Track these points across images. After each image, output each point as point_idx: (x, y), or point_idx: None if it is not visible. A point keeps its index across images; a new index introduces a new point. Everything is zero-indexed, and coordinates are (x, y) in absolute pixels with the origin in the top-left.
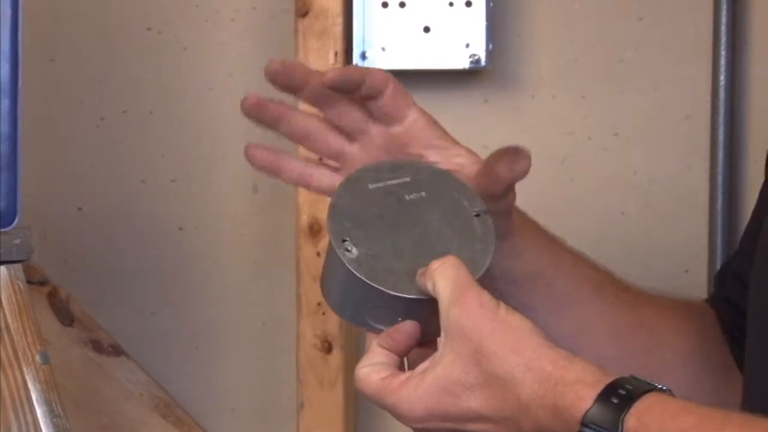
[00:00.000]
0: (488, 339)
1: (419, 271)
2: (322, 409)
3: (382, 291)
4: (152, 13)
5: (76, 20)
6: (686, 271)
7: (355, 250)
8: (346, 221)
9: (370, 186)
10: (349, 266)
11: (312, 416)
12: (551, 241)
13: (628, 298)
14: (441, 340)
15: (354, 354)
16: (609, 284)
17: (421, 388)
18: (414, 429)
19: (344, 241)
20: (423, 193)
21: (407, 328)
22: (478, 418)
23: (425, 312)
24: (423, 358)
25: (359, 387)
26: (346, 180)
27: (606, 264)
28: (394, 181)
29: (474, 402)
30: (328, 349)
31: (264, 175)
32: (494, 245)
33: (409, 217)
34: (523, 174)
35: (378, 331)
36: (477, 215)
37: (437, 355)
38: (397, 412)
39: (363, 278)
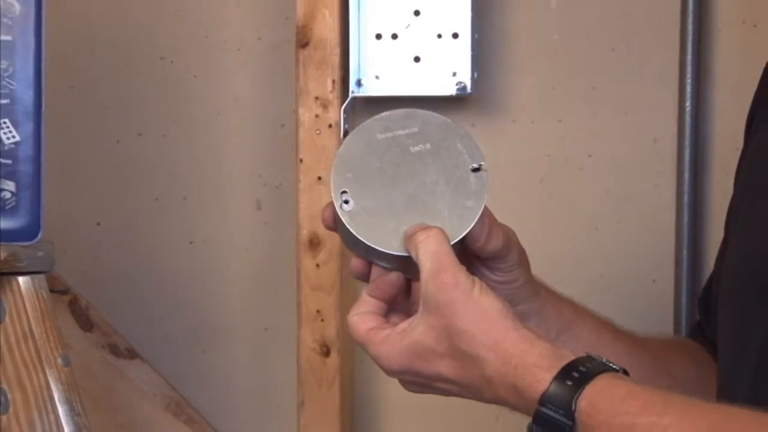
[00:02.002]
0: (459, 317)
1: (405, 234)
2: (321, 407)
3: (373, 246)
4: (164, 44)
5: (95, 51)
6: (654, 281)
7: (352, 203)
8: (349, 172)
9: (379, 136)
10: (344, 220)
11: (311, 414)
12: (574, 306)
13: (638, 341)
14: (419, 308)
15: (350, 357)
16: (621, 332)
17: (398, 348)
18: (391, 376)
19: (343, 192)
20: (428, 145)
21: (392, 278)
22: (445, 380)
23: (410, 264)
24: (408, 304)
25: (350, 332)
26: (357, 128)
27: (582, 275)
28: (402, 132)
29: (443, 368)
30: (326, 352)
31: (266, 193)
32: (484, 201)
33: (409, 170)
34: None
35: (380, 267)
36: (475, 170)
37: (415, 320)
38: (378, 362)
39: (356, 234)
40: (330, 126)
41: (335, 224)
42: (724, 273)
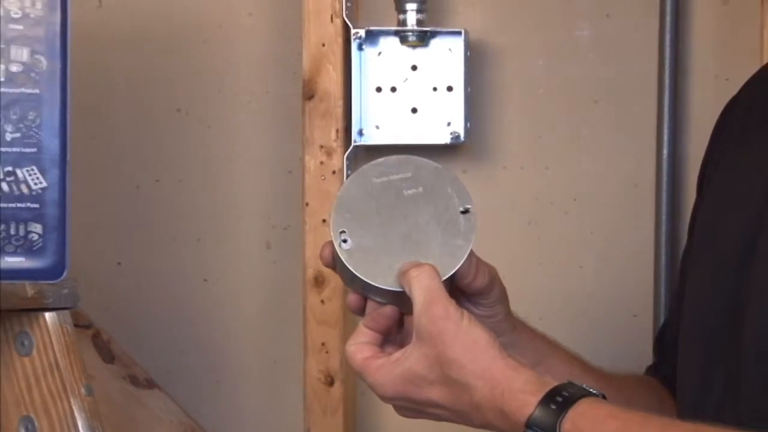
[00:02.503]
0: (450, 347)
1: (400, 271)
2: (327, 427)
3: (369, 281)
4: (181, 97)
5: (116, 103)
6: (635, 316)
7: (350, 241)
8: (347, 213)
9: (375, 180)
10: (342, 257)
11: (317, 426)
12: (549, 342)
13: (605, 375)
14: (413, 338)
15: (353, 387)
16: (591, 368)
17: (392, 375)
18: (386, 402)
19: (342, 232)
20: (420, 188)
21: (387, 311)
22: (436, 406)
23: (404, 299)
24: (402, 335)
25: (347, 361)
26: (355, 173)
27: (567, 309)
28: (397, 176)
29: (434, 394)
30: (330, 382)
31: (275, 234)
32: (473, 241)
33: (403, 212)
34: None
35: (375, 302)
36: (464, 212)
37: (408, 349)
38: (374, 389)
39: (352, 269)
40: (334, 172)
41: (334, 262)
42: (684, 317)
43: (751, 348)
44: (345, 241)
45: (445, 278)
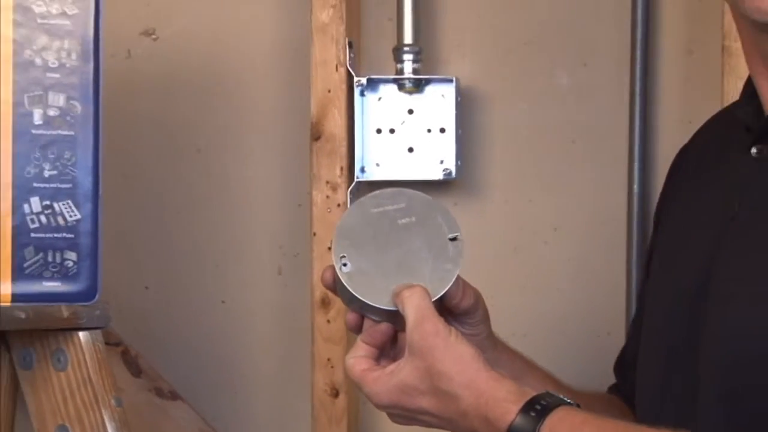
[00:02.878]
0: (439, 360)
1: (394, 292)
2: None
3: (367, 302)
4: (201, 138)
5: (143, 143)
6: (608, 334)
7: (349, 265)
8: (346, 240)
9: (372, 210)
10: (343, 280)
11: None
12: (524, 360)
13: (574, 392)
14: (405, 352)
15: (355, 398)
16: (562, 385)
17: (387, 386)
18: (381, 410)
19: (342, 257)
20: (413, 218)
21: (383, 328)
22: (426, 413)
23: (398, 317)
24: (395, 350)
25: (347, 372)
26: (354, 204)
27: (547, 328)
28: (392, 207)
29: (425, 403)
30: (335, 394)
31: (286, 261)
32: (459, 266)
33: (397, 239)
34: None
35: (372, 320)
36: (452, 239)
37: (401, 363)
38: (370, 398)
39: (352, 291)
40: (338, 205)
41: (334, 284)
42: (642, 343)
43: (705, 375)
44: (345, 265)
45: (435, 299)
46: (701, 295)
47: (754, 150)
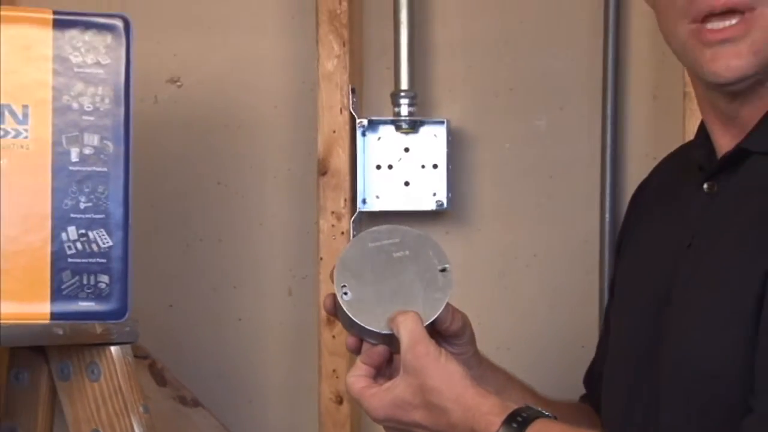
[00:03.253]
0: (430, 378)
1: (389, 317)
2: None
3: (366, 326)
4: (221, 172)
5: (169, 177)
6: (582, 347)
7: (349, 294)
8: (347, 271)
9: (370, 245)
10: (343, 307)
11: None
12: (507, 375)
13: (551, 402)
14: (400, 371)
15: (358, 406)
16: (540, 397)
17: (383, 402)
18: (378, 424)
19: (343, 286)
20: (407, 252)
21: (380, 350)
22: (419, 426)
23: (393, 340)
24: (390, 369)
25: (347, 389)
26: (354, 239)
27: (528, 343)
28: (388, 241)
29: (417, 416)
30: (340, 402)
31: (296, 282)
32: (449, 295)
33: (392, 270)
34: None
35: (370, 343)
36: (442, 271)
37: (396, 380)
38: (368, 413)
39: (352, 317)
40: (342, 233)
41: (335, 309)
42: (609, 358)
43: (663, 384)
44: (346, 293)
45: (426, 323)
46: (662, 315)
47: (705, 186)
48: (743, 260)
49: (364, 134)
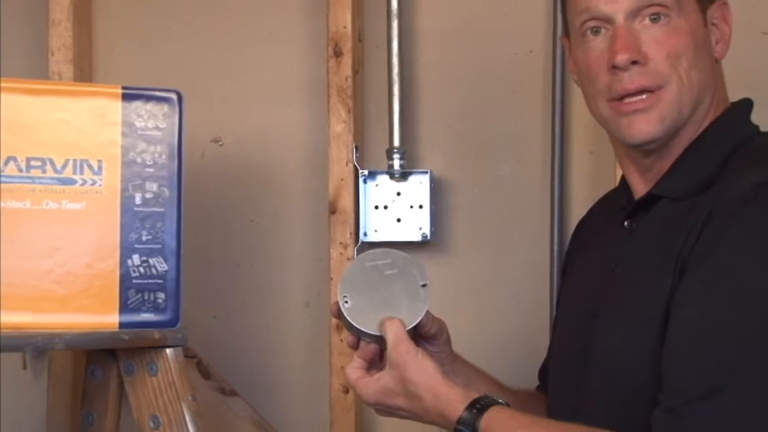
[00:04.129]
0: (409, 371)
1: (380, 321)
2: (344, 422)
3: (362, 329)
4: (253, 211)
5: (212, 216)
6: (537, 348)
7: (350, 303)
8: (348, 284)
9: (367, 264)
10: (344, 313)
11: (338, 422)
12: (475, 369)
13: (512, 391)
14: (387, 365)
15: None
16: (503, 386)
17: (373, 389)
18: (369, 407)
19: (344, 296)
20: (396, 270)
21: (372, 347)
22: (400, 409)
23: (382, 340)
24: (382, 363)
25: (346, 378)
26: (354, 260)
27: (493, 343)
28: (381, 262)
29: (399, 402)
30: (346, 392)
31: (312, 297)
32: (428, 305)
33: (384, 284)
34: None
35: (365, 341)
36: (423, 285)
37: (383, 372)
38: (361, 397)
39: (351, 321)
40: (348, 259)
41: (338, 314)
42: (553, 358)
43: (591, 379)
44: (347, 302)
45: (409, 328)
46: (592, 324)
47: (626, 223)
48: (653, 282)
49: (365, 182)
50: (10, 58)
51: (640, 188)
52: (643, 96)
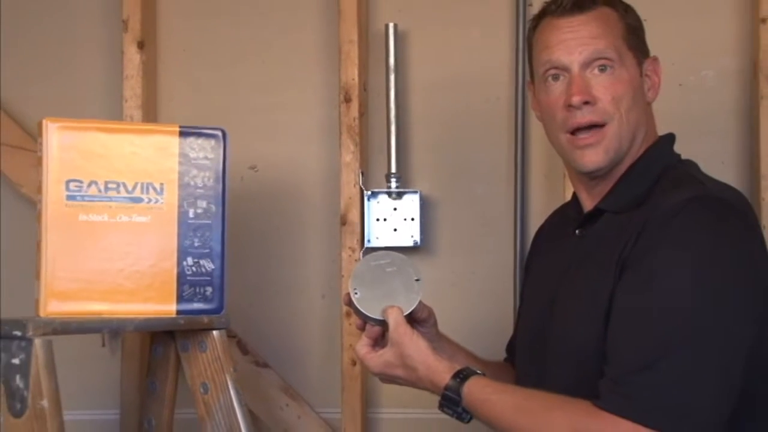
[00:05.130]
0: (406, 348)
1: (383, 309)
2: (352, 388)
3: (368, 315)
4: (281, 223)
5: (249, 227)
6: (503, 330)
7: (358, 294)
8: (357, 279)
9: (371, 263)
10: (354, 302)
11: (348, 388)
12: (457, 345)
13: (485, 362)
14: (388, 344)
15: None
16: (479, 359)
17: (377, 362)
18: (374, 376)
19: (354, 289)
20: (395, 268)
21: (376, 329)
22: (400, 378)
23: (385, 324)
24: (384, 342)
25: (356, 353)
26: (361, 260)
27: (470, 325)
28: (383, 261)
29: (399, 372)
30: (354, 364)
31: (328, 290)
32: (420, 296)
33: (385, 279)
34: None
35: (371, 324)
36: (416, 280)
37: (386, 349)
38: (367, 369)
39: (360, 308)
40: (356, 260)
41: (349, 303)
42: (518, 338)
43: (549, 356)
44: (356, 293)
45: (405, 314)
46: (549, 311)
47: (577, 232)
48: (599, 279)
49: (368, 200)
50: (94, 105)
51: (588, 204)
52: (591, 131)
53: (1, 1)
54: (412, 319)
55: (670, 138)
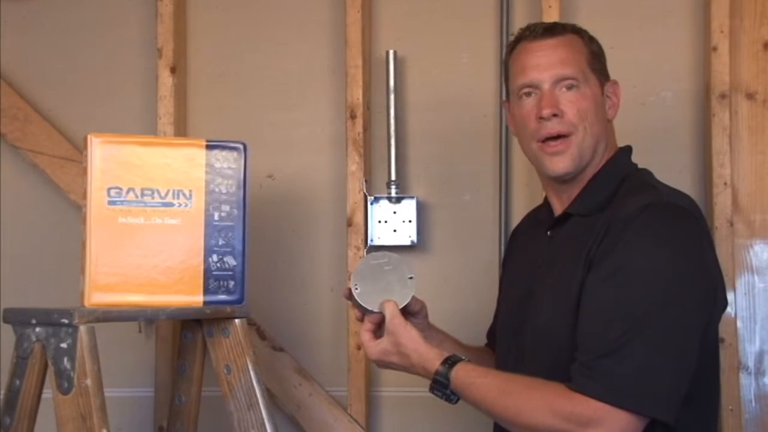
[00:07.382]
0: (401, 337)
1: (380, 303)
2: (357, 370)
3: (367, 308)
4: (295, 225)
5: (267, 229)
6: (488, 319)
7: (359, 289)
8: (358, 276)
9: (371, 262)
10: (356, 296)
11: (353, 369)
12: (444, 333)
13: (468, 348)
14: (385, 333)
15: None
16: (463, 345)
17: (376, 349)
18: (373, 362)
19: (355, 284)
20: (391, 266)
21: (376, 318)
22: (394, 364)
23: (382, 316)
24: (382, 331)
25: (360, 340)
26: (361, 259)
27: (459, 315)
28: (381, 260)
29: (394, 359)
30: (359, 348)
31: (336, 285)
32: (413, 291)
33: (382, 276)
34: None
35: (370, 315)
36: (410, 278)
37: (383, 338)
38: (367, 355)
39: (360, 302)
40: (360, 257)
41: (350, 297)
42: (498, 325)
43: (527, 343)
44: (357, 288)
45: (400, 307)
46: (526, 305)
47: (548, 233)
48: (569, 275)
49: (371, 204)
50: (132, 122)
51: (558, 207)
52: (559, 140)
53: (58, 36)
54: (406, 312)
55: (628, 150)
